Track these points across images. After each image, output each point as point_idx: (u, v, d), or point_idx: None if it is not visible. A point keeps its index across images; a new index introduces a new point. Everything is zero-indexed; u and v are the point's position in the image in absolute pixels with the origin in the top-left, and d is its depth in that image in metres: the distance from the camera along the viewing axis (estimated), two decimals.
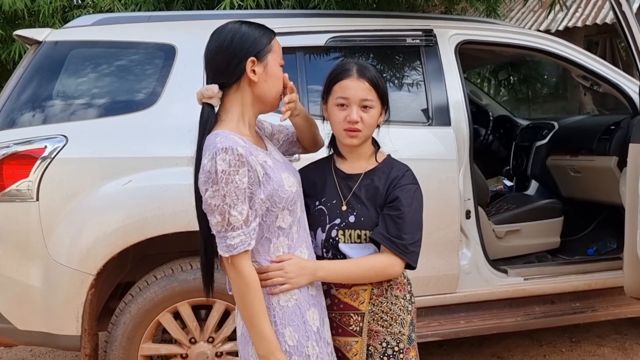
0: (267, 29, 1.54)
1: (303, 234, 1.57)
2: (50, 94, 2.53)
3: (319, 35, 2.77)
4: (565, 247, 3.63)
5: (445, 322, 2.83)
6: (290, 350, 1.47)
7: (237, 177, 1.36)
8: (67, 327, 2.41)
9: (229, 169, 1.36)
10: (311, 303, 1.53)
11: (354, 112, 1.56)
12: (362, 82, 1.57)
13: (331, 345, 1.59)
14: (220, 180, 1.36)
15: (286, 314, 1.48)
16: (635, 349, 3.28)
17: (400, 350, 1.62)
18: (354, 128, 1.57)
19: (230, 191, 1.36)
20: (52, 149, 2.37)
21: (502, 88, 10.62)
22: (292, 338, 1.48)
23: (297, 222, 1.54)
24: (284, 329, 1.48)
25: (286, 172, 1.52)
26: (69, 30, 2.71)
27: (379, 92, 1.60)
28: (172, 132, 2.47)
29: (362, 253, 1.58)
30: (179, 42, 2.62)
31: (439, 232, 2.72)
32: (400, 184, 1.60)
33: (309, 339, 1.50)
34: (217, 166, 1.36)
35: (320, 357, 1.51)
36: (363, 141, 1.62)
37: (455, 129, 2.76)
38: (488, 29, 3.11)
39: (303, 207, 1.60)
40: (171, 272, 2.47)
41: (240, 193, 1.37)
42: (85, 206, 2.38)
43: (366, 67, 1.60)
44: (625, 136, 3.07)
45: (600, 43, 9.59)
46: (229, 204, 1.37)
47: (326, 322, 1.59)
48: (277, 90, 1.56)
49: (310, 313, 1.52)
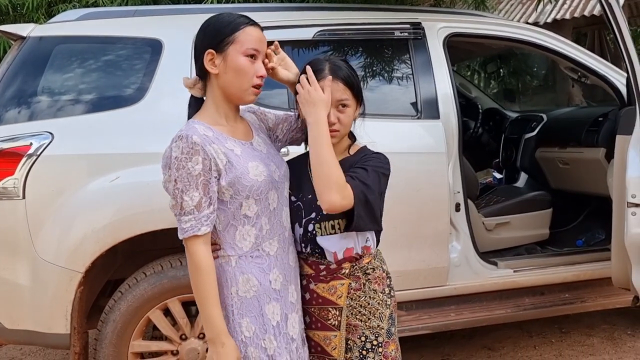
0: (238, 20, 1.52)
1: (277, 227, 1.58)
2: (36, 90, 2.50)
3: (306, 29, 2.76)
4: (554, 239, 3.66)
5: (435, 315, 2.84)
6: (246, 341, 1.50)
7: (189, 164, 1.42)
8: (56, 325, 2.39)
9: (181, 155, 1.42)
10: (272, 297, 1.54)
11: (331, 114, 1.57)
12: (337, 84, 1.58)
13: (297, 342, 1.59)
14: (172, 166, 1.43)
15: (244, 305, 1.51)
16: (624, 338, 3.31)
17: (379, 344, 1.63)
18: (332, 129, 1.58)
19: (181, 177, 1.42)
20: (38, 146, 2.34)
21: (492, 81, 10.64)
22: (248, 329, 1.51)
23: (267, 212, 1.54)
24: (241, 319, 1.51)
25: (256, 161, 1.53)
26: (53, 25, 2.67)
27: (354, 90, 1.61)
28: (159, 128, 2.43)
29: (340, 245, 1.59)
30: (165, 36, 2.60)
31: (429, 225, 2.73)
32: (371, 156, 1.62)
33: (267, 332, 1.52)
34: (171, 152, 1.44)
35: (278, 351, 1.52)
36: (340, 139, 1.64)
37: (444, 122, 2.76)
38: (476, 21, 3.11)
39: (283, 200, 1.60)
40: (161, 268, 2.46)
41: (192, 180, 1.42)
42: (72, 203, 2.36)
43: (339, 67, 1.60)
44: (612, 128, 3.09)
45: (588, 35, 9.64)
46: (180, 189, 1.42)
47: (293, 318, 1.58)
48: (240, 83, 1.52)
49: (270, 307, 1.53)
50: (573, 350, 3.21)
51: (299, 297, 1.64)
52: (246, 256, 1.53)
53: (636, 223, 2.55)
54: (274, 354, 1.52)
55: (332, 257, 1.63)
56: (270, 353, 1.52)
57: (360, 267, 1.65)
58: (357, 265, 1.64)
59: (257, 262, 1.54)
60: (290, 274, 1.61)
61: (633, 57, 2.57)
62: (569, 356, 3.14)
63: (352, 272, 1.64)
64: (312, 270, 1.65)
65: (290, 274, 1.61)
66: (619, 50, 2.60)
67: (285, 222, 1.62)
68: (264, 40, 1.56)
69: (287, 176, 1.65)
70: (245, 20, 1.53)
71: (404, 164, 2.61)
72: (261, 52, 1.55)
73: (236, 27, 1.51)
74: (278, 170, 1.60)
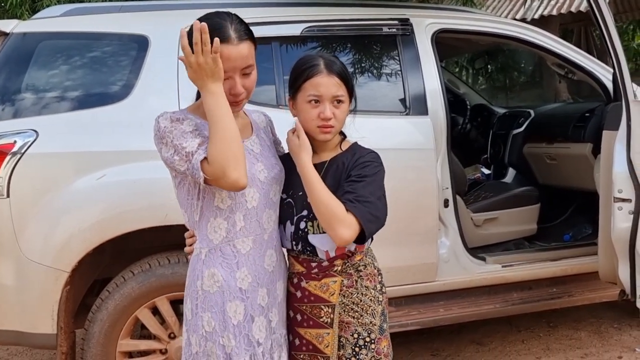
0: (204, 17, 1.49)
1: (255, 227, 1.56)
2: (19, 88, 2.46)
3: (294, 25, 2.74)
4: (542, 234, 3.68)
5: (425, 311, 2.84)
6: (206, 336, 1.52)
7: (181, 126, 1.44)
8: (42, 325, 2.36)
9: (171, 123, 1.44)
10: (237, 296, 1.53)
11: (327, 109, 1.57)
12: (333, 78, 1.58)
13: (265, 347, 1.57)
14: (165, 133, 1.44)
15: (207, 299, 1.52)
16: (610, 332, 3.35)
17: (372, 340, 1.63)
18: (328, 125, 1.58)
19: (177, 135, 1.43)
20: (22, 144, 2.32)
21: (480, 77, 10.68)
22: (209, 324, 1.52)
23: (243, 209, 1.53)
24: (203, 313, 1.52)
25: None
26: (37, 21, 2.64)
27: (349, 85, 1.61)
28: (146, 125, 2.38)
29: (332, 243, 1.57)
30: (151, 33, 2.57)
31: (418, 221, 2.73)
32: (364, 162, 1.60)
33: (226, 330, 1.52)
34: (159, 124, 1.45)
35: (236, 351, 1.52)
36: (335, 135, 1.64)
37: (433, 118, 2.76)
38: (464, 17, 3.11)
39: (267, 201, 1.58)
40: (148, 267, 2.44)
41: (187, 134, 1.43)
42: (58, 202, 2.33)
43: (333, 62, 1.61)
44: (599, 123, 3.10)
45: (575, 31, 9.71)
46: (181, 144, 1.42)
47: (260, 322, 1.56)
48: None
49: (232, 305, 1.52)
50: (560, 344, 3.24)
51: (273, 302, 1.60)
52: (216, 250, 1.53)
53: (622, 218, 2.57)
54: (232, 352, 1.52)
55: (324, 255, 1.61)
56: (228, 351, 1.52)
57: (353, 264, 1.64)
58: (349, 263, 1.64)
59: (225, 259, 1.53)
60: (263, 277, 1.57)
61: (619, 53, 2.58)
62: (557, 350, 3.17)
63: (345, 269, 1.63)
64: (304, 268, 1.64)
65: (264, 277, 1.57)
66: (605, 46, 2.62)
67: (266, 225, 1.59)
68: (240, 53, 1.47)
69: (277, 179, 1.62)
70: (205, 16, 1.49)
71: (393, 161, 2.57)
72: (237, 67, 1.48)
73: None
74: (266, 171, 1.58)
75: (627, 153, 2.56)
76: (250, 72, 1.51)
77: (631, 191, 2.56)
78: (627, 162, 2.55)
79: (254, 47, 1.51)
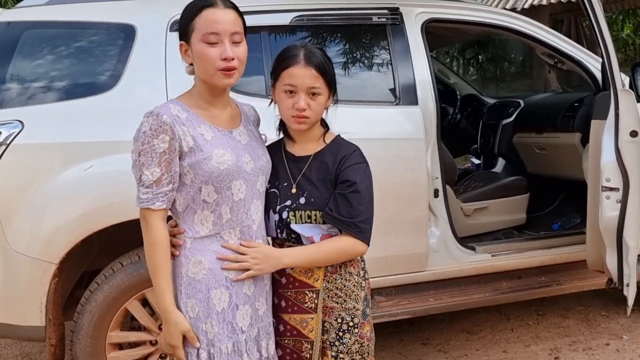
0: (196, 5, 1.49)
1: (242, 218, 1.57)
2: (4, 78, 2.42)
3: (283, 14, 2.72)
4: (531, 223, 3.70)
5: (415, 300, 2.86)
6: (190, 322, 1.53)
7: (155, 141, 1.45)
8: (31, 317, 2.35)
9: (149, 132, 1.45)
10: (222, 284, 1.54)
11: (302, 99, 1.58)
12: (310, 70, 1.58)
13: (249, 335, 1.58)
14: (139, 139, 1.47)
15: (191, 286, 1.53)
16: (598, 319, 3.38)
17: (355, 325, 1.66)
18: (302, 115, 1.59)
19: (145, 151, 1.46)
20: (7, 135, 2.29)
21: (471, 67, 10.70)
22: (193, 310, 1.53)
23: (230, 202, 1.54)
24: (188, 299, 1.54)
25: (224, 149, 1.52)
26: (22, 10, 2.60)
27: (326, 78, 1.61)
28: (133, 115, 2.36)
29: (315, 231, 1.61)
30: (138, 22, 2.53)
31: (408, 211, 2.73)
32: (349, 163, 1.63)
33: (209, 317, 1.53)
34: (142, 126, 1.48)
35: (218, 337, 1.53)
36: (311, 126, 1.64)
37: (423, 108, 2.75)
38: (454, 6, 3.10)
39: (254, 193, 1.59)
40: (138, 258, 2.42)
41: (156, 156, 1.45)
42: (45, 193, 2.31)
43: (313, 53, 1.60)
44: (588, 113, 3.11)
45: (565, 21, 9.73)
46: (143, 162, 1.46)
47: (245, 310, 1.57)
48: (205, 69, 1.50)
49: (217, 292, 1.53)
50: (549, 332, 3.27)
51: (260, 291, 1.61)
52: (202, 239, 1.54)
53: (610, 206, 2.59)
54: (214, 339, 1.53)
55: (308, 241, 1.63)
56: (210, 337, 1.53)
57: None
58: None
59: (212, 248, 1.54)
60: None
61: (608, 43, 2.59)
62: (545, 338, 3.20)
63: None
64: None
65: None
66: (595, 36, 2.62)
67: (254, 216, 1.60)
68: (227, 19, 1.48)
69: (264, 170, 1.63)
70: (201, 3, 1.49)
71: (383, 150, 2.61)
72: (223, 33, 1.47)
73: (192, 14, 1.49)
74: (253, 162, 1.58)
75: (615, 142, 2.58)
76: (239, 41, 1.51)
77: (619, 180, 2.58)
78: (615, 151, 2.57)
79: (241, 21, 1.53)
